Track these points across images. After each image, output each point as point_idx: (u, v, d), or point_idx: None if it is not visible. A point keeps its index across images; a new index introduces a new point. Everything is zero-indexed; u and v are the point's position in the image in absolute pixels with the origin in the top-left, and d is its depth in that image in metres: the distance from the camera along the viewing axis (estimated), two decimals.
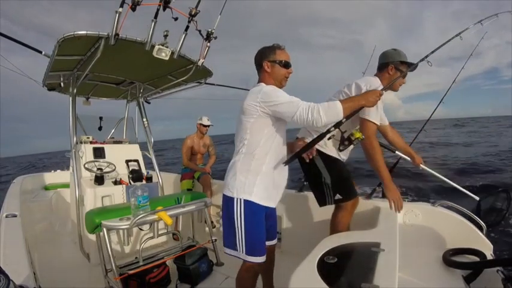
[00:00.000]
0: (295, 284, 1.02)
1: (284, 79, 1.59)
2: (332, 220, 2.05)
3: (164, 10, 1.95)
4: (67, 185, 3.51)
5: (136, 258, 2.20)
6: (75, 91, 2.83)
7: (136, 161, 3.27)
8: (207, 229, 2.65)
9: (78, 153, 2.87)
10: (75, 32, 1.91)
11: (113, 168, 2.94)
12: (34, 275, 1.27)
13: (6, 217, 2.02)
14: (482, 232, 1.96)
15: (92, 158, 2.97)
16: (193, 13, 2.06)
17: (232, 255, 1.54)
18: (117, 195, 2.80)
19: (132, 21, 1.96)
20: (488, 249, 1.86)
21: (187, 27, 2.15)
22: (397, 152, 2.33)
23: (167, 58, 2.19)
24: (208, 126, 3.89)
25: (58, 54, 2.19)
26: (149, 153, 3.52)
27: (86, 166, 2.80)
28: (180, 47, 2.29)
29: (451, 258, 1.79)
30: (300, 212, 2.71)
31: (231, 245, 1.52)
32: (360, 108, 1.52)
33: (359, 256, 1.30)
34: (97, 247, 2.11)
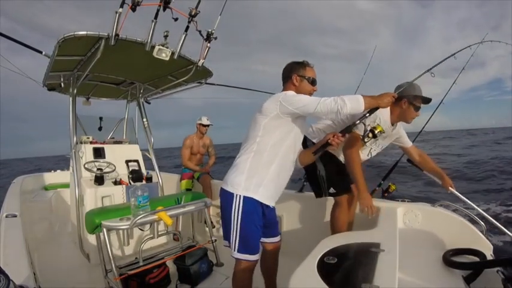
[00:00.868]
0: (295, 284, 1.02)
1: (308, 95, 1.62)
2: (331, 218, 2.13)
3: (164, 10, 1.95)
4: (67, 185, 3.51)
5: (136, 258, 2.20)
6: (75, 91, 2.83)
7: (136, 161, 3.27)
8: (207, 229, 2.65)
9: (78, 153, 2.87)
10: (75, 33, 1.91)
11: (113, 168, 2.94)
12: (34, 275, 1.27)
13: (6, 217, 2.02)
14: (482, 233, 1.96)
15: (92, 158, 2.97)
16: (193, 13, 2.06)
17: (228, 246, 1.60)
18: (117, 195, 2.80)
19: (133, 21, 1.96)
20: (488, 249, 1.86)
21: (187, 27, 2.16)
22: (425, 172, 2.29)
23: (167, 58, 2.19)
24: (207, 125, 3.89)
25: (58, 54, 2.19)
26: (149, 153, 3.52)
27: (86, 166, 2.80)
28: (180, 48, 2.29)
29: (451, 258, 1.79)
30: (300, 212, 2.71)
31: (228, 239, 1.58)
32: (376, 108, 1.62)
33: (359, 256, 1.30)
34: (97, 247, 2.11)
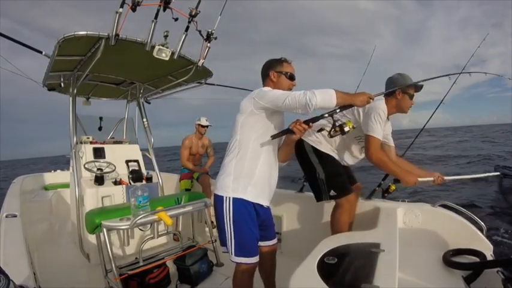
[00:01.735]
0: (295, 285, 1.02)
1: (287, 90, 1.61)
2: (331, 220, 2.07)
3: (164, 10, 1.95)
4: (67, 185, 3.51)
5: (136, 258, 2.19)
6: (75, 91, 2.83)
7: (136, 161, 3.26)
8: (207, 229, 2.65)
9: (78, 153, 2.87)
10: (75, 33, 1.91)
11: (113, 168, 2.93)
12: (34, 275, 1.27)
13: (6, 217, 2.02)
14: (482, 232, 1.96)
15: (92, 158, 2.97)
16: (193, 13, 2.06)
17: (226, 252, 1.58)
18: (117, 195, 2.80)
19: (133, 22, 1.96)
20: (488, 249, 1.86)
21: (187, 27, 2.16)
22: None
23: (167, 58, 2.19)
24: (206, 126, 3.89)
25: (58, 54, 2.19)
26: (149, 153, 3.52)
27: (86, 166, 2.80)
28: (180, 48, 2.29)
29: (451, 258, 1.79)
30: (300, 213, 2.71)
31: (224, 243, 1.56)
32: (350, 105, 1.52)
33: (359, 256, 1.30)
34: (97, 247, 2.11)
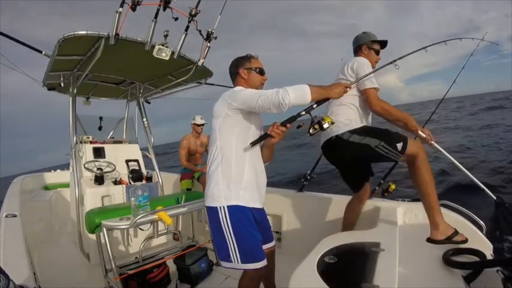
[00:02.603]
0: (295, 284, 1.02)
1: (260, 86, 1.61)
2: (415, 176, 1.78)
3: (164, 10, 1.95)
4: (67, 185, 3.51)
5: (136, 258, 2.20)
6: (75, 91, 2.83)
7: (136, 161, 3.27)
8: (207, 229, 2.64)
9: (78, 153, 2.87)
10: (75, 32, 1.91)
11: (113, 168, 2.94)
12: (34, 275, 1.27)
13: (6, 217, 2.02)
14: (482, 232, 1.96)
15: (92, 158, 2.97)
16: (193, 13, 2.07)
17: (229, 267, 1.48)
18: (117, 195, 2.80)
19: (133, 21, 1.96)
20: (488, 249, 1.86)
21: (187, 27, 2.16)
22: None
23: (167, 58, 2.19)
24: (202, 124, 3.87)
25: (58, 54, 2.19)
26: (149, 153, 3.52)
27: (86, 166, 2.80)
28: (180, 47, 2.29)
29: (451, 258, 1.79)
30: (300, 212, 2.71)
31: (226, 258, 1.47)
32: (326, 99, 1.48)
33: (359, 256, 1.30)
34: (97, 247, 2.11)
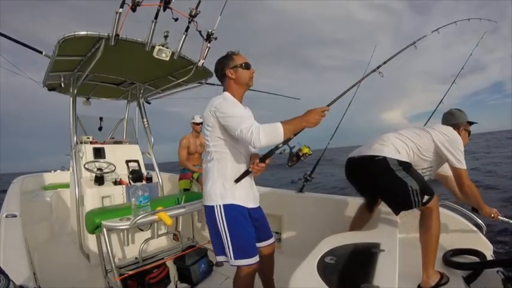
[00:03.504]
0: (295, 284, 1.02)
1: (250, 79, 1.61)
2: (424, 230, 1.77)
3: (164, 11, 1.95)
4: (67, 185, 3.51)
5: (136, 258, 2.19)
6: (75, 91, 2.83)
7: (136, 161, 3.27)
8: (207, 229, 2.65)
9: (78, 153, 2.87)
10: (75, 33, 1.91)
11: (113, 168, 2.94)
12: (34, 275, 1.27)
13: (6, 217, 2.02)
14: (482, 233, 1.96)
15: (92, 158, 2.97)
16: (193, 14, 2.07)
17: (224, 261, 1.57)
18: (117, 195, 2.80)
19: (133, 21, 1.96)
20: (488, 249, 1.86)
21: (187, 27, 2.16)
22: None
23: (167, 59, 2.19)
24: (200, 123, 3.87)
25: (58, 54, 2.19)
26: (149, 153, 3.52)
27: (86, 166, 2.80)
28: (181, 48, 2.30)
29: (451, 258, 1.79)
30: (300, 213, 2.71)
31: (221, 252, 1.55)
32: (303, 129, 1.44)
33: (359, 256, 1.30)
34: (97, 247, 2.11)
